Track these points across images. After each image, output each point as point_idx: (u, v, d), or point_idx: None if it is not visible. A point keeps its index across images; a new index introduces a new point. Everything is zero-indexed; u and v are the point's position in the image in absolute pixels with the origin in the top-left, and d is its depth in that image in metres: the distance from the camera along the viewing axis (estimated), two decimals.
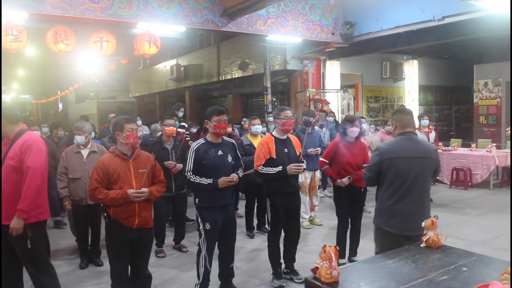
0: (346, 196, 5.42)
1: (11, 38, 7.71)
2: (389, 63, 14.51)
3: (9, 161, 3.77)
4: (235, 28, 9.94)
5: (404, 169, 3.62)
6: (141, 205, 3.86)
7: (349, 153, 5.38)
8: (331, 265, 2.46)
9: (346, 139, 5.45)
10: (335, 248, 2.54)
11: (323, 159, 5.58)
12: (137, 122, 6.87)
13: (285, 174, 4.70)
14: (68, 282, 5.24)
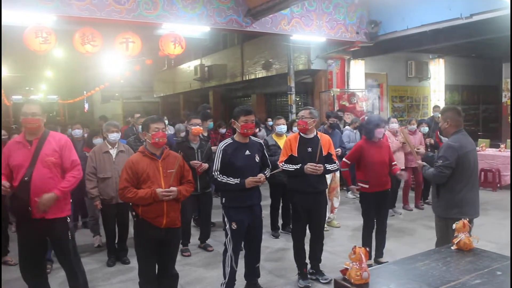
0: (373, 198, 5.37)
1: (40, 40, 7.85)
2: (415, 62, 14.31)
3: (49, 157, 3.94)
4: (259, 28, 9.94)
5: (471, 161, 4.17)
6: (169, 205, 3.89)
7: (377, 153, 5.34)
8: (361, 266, 2.44)
9: (371, 139, 5.40)
10: (365, 249, 2.51)
11: (346, 160, 5.51)
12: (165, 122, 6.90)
13: (303, 173, 4.69)
14: (96, 279, 5.32)
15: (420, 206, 8.39)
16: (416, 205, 8.46)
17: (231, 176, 4.27)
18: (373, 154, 5.32)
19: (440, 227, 4.33)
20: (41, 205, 3.81)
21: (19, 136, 4.05)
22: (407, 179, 8.24)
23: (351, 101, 12.01)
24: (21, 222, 3.97)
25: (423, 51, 13.02)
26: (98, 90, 28.46)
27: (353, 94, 12.31)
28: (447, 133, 4.33)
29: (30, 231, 3.93)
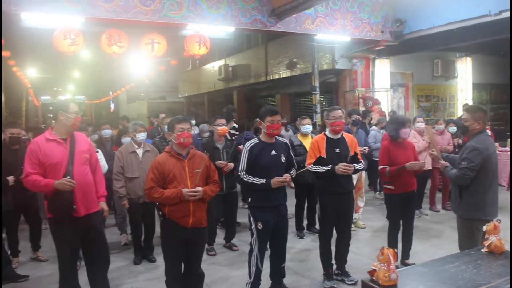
0: (398, 199, 5.31)
1: (69, 42, 8.00)
2: (441, 61, 14.07)
3: (84, 154, 4.10)
4: (283, 28, 9.93)
5: (494, 162, 4.17)
6: (195, 205, 3.92)
7: (402, 154, 5.27)
8: (389, 267, 2.41)
9: (396, 140, 5.34)
10: (393, 250, 2.48)
11: (382, 167, 5.39)
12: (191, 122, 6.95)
13: (334, 174, 4.66)
14: (123, 276, 5.41)
15: (447, 207, 8.24)
16: (443, 206, 8.32)
17: (257, 176, 4.28)
18: (398, 154, 5.26)
19: (462, 228, 4.30)
20: (106, 213, 4.28)
21: (48, 134, 4.06)
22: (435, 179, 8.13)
23: (366, 105, 11.88)
24: (64, 220, 3.96)
25: (449, 49, 12.79)
26: (124, 90, 28.90)
27: (369, 97, 12.18)
28: (472, 134, 4.22)
29: (74, 228, 3.99)
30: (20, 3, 7.49)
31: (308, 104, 15.97)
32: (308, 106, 16.11)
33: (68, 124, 4.06)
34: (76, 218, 3.94)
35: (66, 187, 3.80)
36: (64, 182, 3.80)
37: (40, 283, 5.27)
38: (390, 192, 5.37)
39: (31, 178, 3.85)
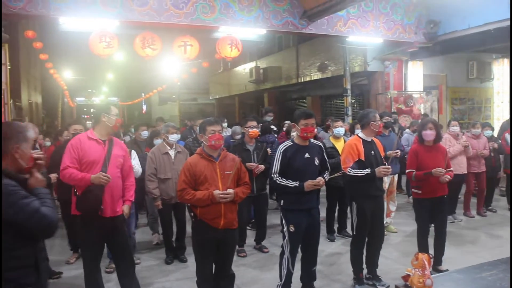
0: (427, 203, 5.22)
1: (104, 45, 8.19)
2: (476, 62, 13.76)
3: (119, 158, 4.21)
4: (315, 30, 9.91)
5: None
6: (226, 207, 3.94)
7: (431, 158, 5.16)
8: (424, 273, 2.38)
9: (423, 143, 5.26)
10: (428, 256, 2.44)
11: (409, 170, 5.32)
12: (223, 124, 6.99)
13: (374, 177, 4.63)
14: (154, 275, 5.48)
15: (482, 213, 8.05)
16: (479, 212, 8.11)
17: (290, 179, 4.27)
18: (426, 158, 5.16)
19: None
20: (127, 216, 4.30)
21: (90, 133, 4.21)
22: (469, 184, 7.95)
23: (407, 104, 11.71)
24: (90, 219, 4.07)
25: (485, 50, 12.50)
26: (156, 92, 29.32)
27: (410, 97, 12.00)
28: None
29: (98, 228, 4.08)
30: (58, 8, 7.71)
31: (339, 106, 15.88)
32: (339, 108, 16.02)
33: (109, 125, 4.20)
34: (101, 218, 4.03)
35: (102, 181, 3.91)
36: (100, 176, 3.90)
37: (73, 280, 5.38)
38: (418, 196, 5.29)
39: (68, 171, 3.99)
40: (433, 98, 12.95)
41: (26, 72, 20.36)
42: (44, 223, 2.40)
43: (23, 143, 2.55)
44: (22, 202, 2.36)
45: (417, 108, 11.80)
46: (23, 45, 17.69)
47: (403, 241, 6.68)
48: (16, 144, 2.52)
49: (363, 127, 4.95)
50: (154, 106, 36.50)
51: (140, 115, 39.97)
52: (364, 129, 4.93)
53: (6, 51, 8.09)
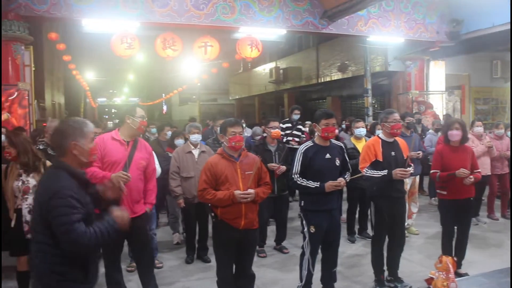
0: (452, 205, 5.13)
1: (125, 46, 8.29)
2: (500, 61, 13.51)
3: (141, 161, 4.23)
4: (335, 30, 9.88)
5: None
6: (247, 207, 3.94)
7: (457, 158, 5.08)
8: (448, 276, 2.34)
9: (449, 144, 5.18)
10: (453, 259, 2.40)
11: (434, 171, 5.25)
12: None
13: (390, 179, 4.58)
14: (175, 275, 5.51)
15: (507, 215, 7.89)
16: (503, 215, 7.95)
17: (310, 179, 4.25)
18: (452, 159, 5.06)
19: None
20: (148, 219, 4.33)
21: (115, 133, 4.25)
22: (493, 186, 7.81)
23: (420, 110, 11.56)
24: None
25: (510, 49, 12.28)
26: (176, 92, 29.50)
27: (422, 102, 11.85)
28: None
29: None
30: (81, 10, 7.85)
31: (360, 106, 15.77)
32: (359, 108, 15.91)
33: (134, 127, 4.23)
34: None
35: (122, 180, 3.91)
36: (120, 175, 3.93)
37: None
38: (443, 197, 5.21)
39: (91, 169, 3.99)
40: (456, 98, 12.78)
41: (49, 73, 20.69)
42: (73, 247, 2.46)
43: (81, 139, 2.65)
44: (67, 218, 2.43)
45: (430, 111, 11.63)
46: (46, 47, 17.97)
47: (425, 243, 6.59)
48: (73, 141, 2.62)
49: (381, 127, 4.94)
50: (175, 106, 36.75)
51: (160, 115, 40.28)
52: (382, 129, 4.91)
53: (31, 53, 8.24)
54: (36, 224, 2.55)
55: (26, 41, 7.99)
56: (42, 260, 2.51)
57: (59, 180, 2.52)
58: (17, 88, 7.37)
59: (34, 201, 2.64)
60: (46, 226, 2.46)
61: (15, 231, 4.29)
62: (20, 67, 7.81)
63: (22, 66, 7.88)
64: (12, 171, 4.34)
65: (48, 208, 2.43)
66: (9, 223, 4.31)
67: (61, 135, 2.65)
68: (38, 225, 2.52)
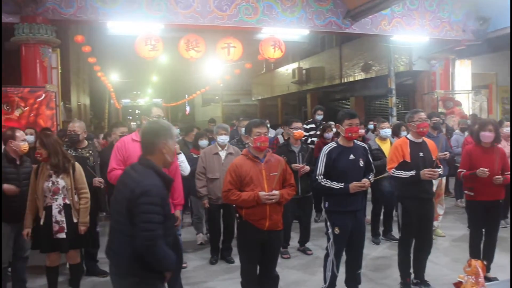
0: (480, 207, 5.03)
1: (149, 48, 8.39)
2: None
3: None
4: (358, 30, 9.82)
5: None
6: (272, 208, 3.94)
7: (486, 159, 4.97)
8: (477, 281, 2.29)
9: (479, 144, 5.08)
10: (482, 262, 2.35)
11: (461, 170, 5.17)
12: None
13: (418, 179, 4.53)
14: (199, 275, 5.54)
15: None
16: None
17: (334, 180, 4.23)
18: (480, 159, 4.95)
19: None
20: (178, 222, 4.34)
21: (135, 135, 4.28)
22: None
23: (447, 106, 11.37)
24: None
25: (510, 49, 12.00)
26: (199, 93, 29.69)
27: (450, 99, 11.65)
28: None
29: None
30: (106, 13, 7.98)
31: (383, 107, 15.63)
32: (383, 109, 15.77)
33: None
34: None
35: None
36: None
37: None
38: (470, 198, 5.12)
39: (115, 173, 4.06)
40: (483, 98, 12.54)
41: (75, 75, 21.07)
42: (145, 246, 2.54)
43: (169, 140, 2.81)
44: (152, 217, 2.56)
45: (458, 109, 11.44)
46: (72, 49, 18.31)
47: (451, 246, 6.48)
48: (164, 140, 2.77)
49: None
50: (197, 107, 36.96)
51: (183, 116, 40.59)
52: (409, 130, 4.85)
53: (58, 55, 8.40)
54: (120, 215, 2.65)
55: (53, 44, 8.16)
56: (123, 250, 2.64)
57: (150, 178, 2.65)
58: (45, 90, 7.51)
59: (119, 193, 2.73)
60: (130, 219, 2.58)
61: (44, 229, 4.37)
62: (48, 69, 7.99)
63: (50, 69, 8.05)
64: (42, 172, 4.43)
65: (137, 203, 2.55)
66: (39, 222, 4.39)
67: (155, 134, 2.78)
68: (122, 216, 2.63)
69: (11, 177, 4.63)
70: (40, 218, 4.39)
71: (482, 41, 10.69)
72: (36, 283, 5.19)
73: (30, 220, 4.41)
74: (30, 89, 7.53)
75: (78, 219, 4.47)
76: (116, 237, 2.70)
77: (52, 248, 4.42)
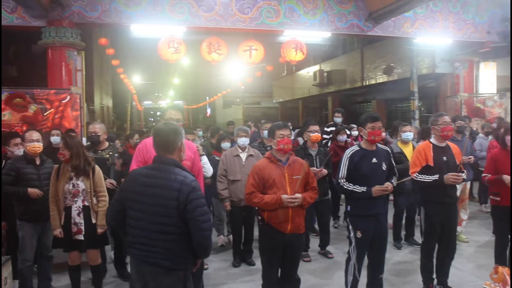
0: (506, 212, 4.93)
1: (172, 50, 8.48)
2: None
3: (186, 162, 4.17)
4: (381, 32, 9.74)
5: None
6: (294, 211, 3.94)
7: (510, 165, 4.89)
8: None
9: (505, 148, 5.00)
10: (510, 269, 2.31)
11: (485, 175, 5.10)
12: None
13: (442, 184, 4.47)
14: (220, 277, 5.56)
15: None
16: None
17: (357, 184, 4.21)
18: (507, 164, 4.87)
19: None
20: None
21: None
22: None
23: (486, 105, 11.17)
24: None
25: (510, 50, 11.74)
26: (220, 96, 29.83)
27: (490, 98, 11.45)
28: None
29: None
30: (130, 16, 8.10)
31: (405, 110, 15.49)
32: (405, 112, 15.63)
33: None
34: None
35: None
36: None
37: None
38: (496, 203, 5.04)
39: None
40: (508, 101, 12.30)
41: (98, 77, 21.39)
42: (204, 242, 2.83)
43: (183, 139, 3.05)
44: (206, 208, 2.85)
45: (495, 111, 11.23)
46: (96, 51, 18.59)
47: (476, 252, 6.37)
48: (182, 139, 3.02)
49: None
50: (218, 109, 37.15)
51: (204, 118, 40.82)
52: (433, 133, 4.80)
53: (83, 58, 8.54)
54: (167, 218, 2.78)
55: (78, 47, 8.29)
56: (171, 248, 2.80)
57: (186, 175, 2.85)
58: (70, 92, 7.63)
59: (158, 197, 2.81)
60: (182, 217, 2.76)
61: (64, 229, 4.47)
62: (73, 71, 8.13)
63: (75, 71, 8.19)
64: (63, 173, 4.50)
65: (189, 200, 2.74)
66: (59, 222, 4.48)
67: (177, 134, 2.98)
68: (170, 218, 2.77)
69: (31, 177, 4.75)
70: (60, 218, 4.47)
71: (507, 42, 10.49)
72: (60, 281, 5.29)
73: (58, 219, 4.48)
74: (56, 91, 7.66)
75: (97, 221, 4.54)
76: (160, 239, 2.79)
77: (71, 247, 4.52)
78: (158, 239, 2.79)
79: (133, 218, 2.90)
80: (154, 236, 2.80)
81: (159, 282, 2.83)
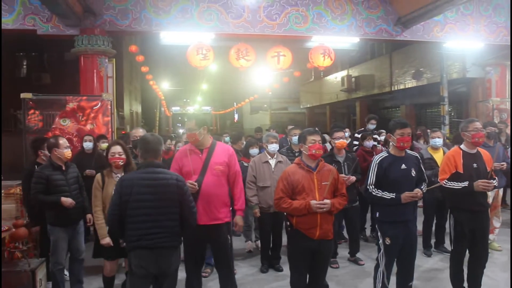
0: None
1: (200, 57, 8.59)
2: None
3: (218, 166, 4.31)
4: (410, 37, 9.65)
5: None
6: (323, 217, 3.94)
7: None
8: None
9: None
10: None
11: None
12: None
13: (472, 191, 4.40)
14: (248, 282, 5.57)
15: None
16: None
17: (386, 190, 4.18)
18: None
19: None
20: (238, 228, 4.55)
21: (190, 144, 4.43)
22: None
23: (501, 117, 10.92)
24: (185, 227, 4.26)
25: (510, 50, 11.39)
26: (247, 101, 29.95)
27: (503, 110, 11.19)
28: None
29: (194, 235, 4.22)
30: (160, 24, 8.25)
31: (435, 115, 15.27)
32: (434, 117, 15.40)
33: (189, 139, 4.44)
34: (198, 225, 4.05)
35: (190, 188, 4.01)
36: (188, 184, 4.04)
37: None
38: None
39: None
40: None
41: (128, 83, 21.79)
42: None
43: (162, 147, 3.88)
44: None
45: None
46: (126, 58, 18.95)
47: (509, 261, 6.20)
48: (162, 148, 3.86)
49: None
50: (246, 115, 37.29)
51: (232, 124, 41.04)
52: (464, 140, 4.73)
53: (114, 65, 8.73)
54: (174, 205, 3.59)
55: (109, 54, 8.49)
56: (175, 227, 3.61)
57: (172, 173, 3.76)
58: (101, 98, 7.81)
59: (168, 192, 3.57)
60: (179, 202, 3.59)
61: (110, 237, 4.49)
62: (104, 78, 8.33)
63: (106, 78, 8.39)
64: (109, 180, 4.55)
65: (184, 190, 3.63)
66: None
67: (161, 143, 3.82)
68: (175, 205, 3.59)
69: (60, 183, 4.81)
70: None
71: None
72: (92, 284, 5.39)
73: (105, 228, 4.46)
74: (88, 97, 7.85)
75: None
76: (168, 225, 3.55)
77: (116, 255, 4.57)
78: (166, 226, 3.54)
79: (142, 215, 3.48)
80: (164, 223, 3.52)
81: (169, 261, 3.57)
